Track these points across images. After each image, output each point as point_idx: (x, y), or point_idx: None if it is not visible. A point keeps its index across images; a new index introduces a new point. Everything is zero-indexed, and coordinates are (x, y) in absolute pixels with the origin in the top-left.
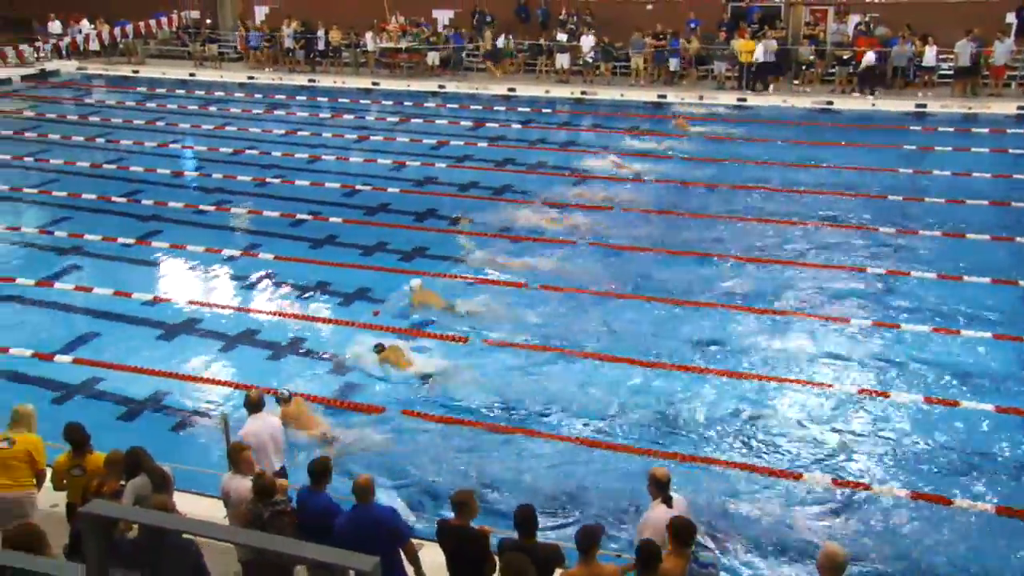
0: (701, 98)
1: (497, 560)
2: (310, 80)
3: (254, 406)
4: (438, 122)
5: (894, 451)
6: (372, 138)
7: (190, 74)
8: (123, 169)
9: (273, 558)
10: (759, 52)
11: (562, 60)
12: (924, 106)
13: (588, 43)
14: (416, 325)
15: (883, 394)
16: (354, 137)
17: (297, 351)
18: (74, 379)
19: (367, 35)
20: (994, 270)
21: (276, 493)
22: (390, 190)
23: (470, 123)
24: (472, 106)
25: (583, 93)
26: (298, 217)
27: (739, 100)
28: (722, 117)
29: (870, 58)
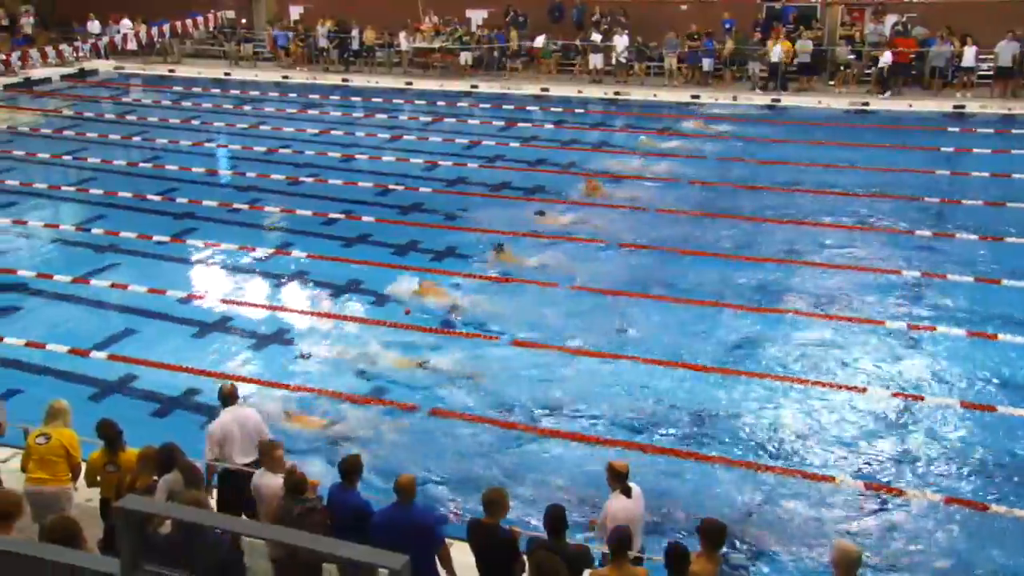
0: (735, 99)
1: (526, 560)
2: (344, 80)
3: (227, 399)
4: (470, 122)
5: (929, 455)
6: (405, 137)
7: (225, 73)
8: (158, 168)
9: (304, 555)
10: (776, 53)
11: (595, 60)
12: (963, 107)
13: (622, 43)
14: (445, 324)
15: (918, 397)
16: (387, 136)
17: (327, 350)
18: (109, 375)
19: (401, 35)
20: None
21: (307, 490)
22: (422, 190)
23: (502, 123)
24: (504, 106)
25: (616, 93)
26: (331, 216)
27: (773, 101)
28: (755, 118)
29: (887, 58)
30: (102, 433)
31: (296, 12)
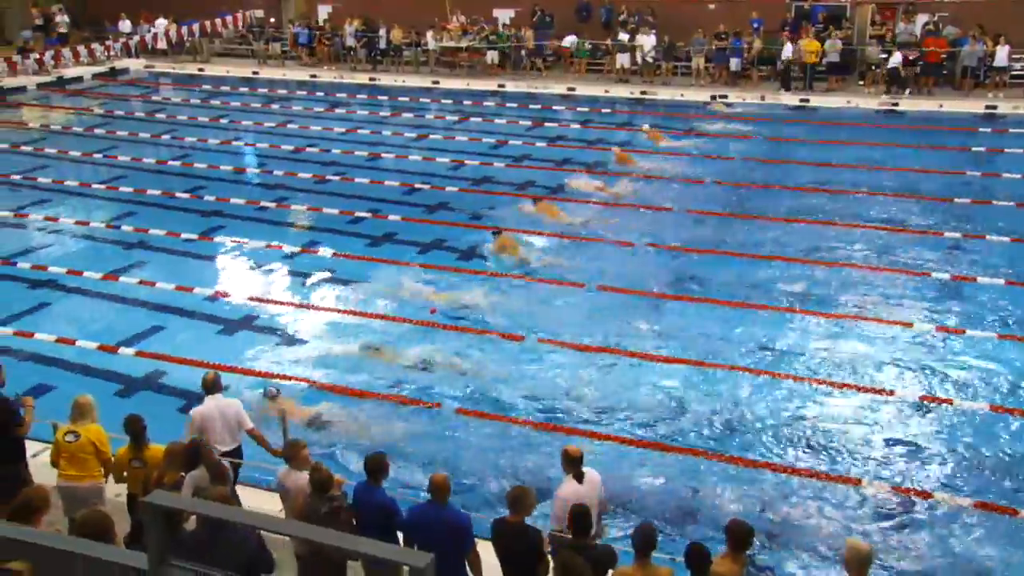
0: (762, 98)
1: (551, 560)
2: (371, 79)
3: (209, 388)
4: (497, 121)
5: (958, 459)
6: (432, 136)
7: (253, 72)
8: (187, 166)
9: (330, 552)
10: (787, 52)
11: (622, 59)
12: (995, 107)
13: (649, 42)
14: (471, 323)
15: (947, 401)
16: (414, 135)
17: (353, 348)
18: (137, 371)
19: (428, 34)
20: None
21: (333, 488)
22: (448, 189)
23: (529, 122)
24: (531, 105)
25: (643, 93)
26: (357, 214)
27: (802, 101)
28: (783, 118)
29: (897, 59)
30: (128, 428)
31: (324, 11)
